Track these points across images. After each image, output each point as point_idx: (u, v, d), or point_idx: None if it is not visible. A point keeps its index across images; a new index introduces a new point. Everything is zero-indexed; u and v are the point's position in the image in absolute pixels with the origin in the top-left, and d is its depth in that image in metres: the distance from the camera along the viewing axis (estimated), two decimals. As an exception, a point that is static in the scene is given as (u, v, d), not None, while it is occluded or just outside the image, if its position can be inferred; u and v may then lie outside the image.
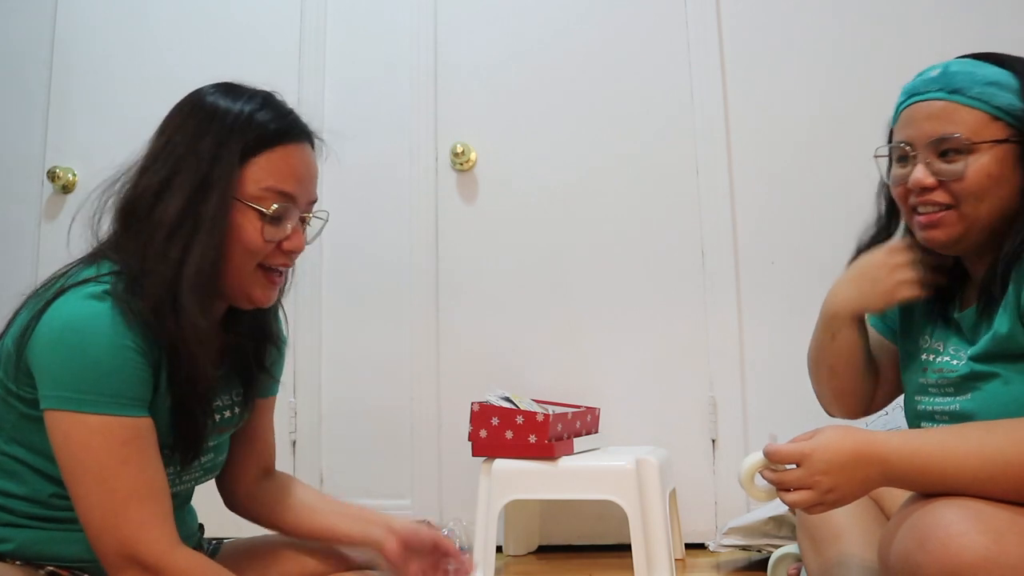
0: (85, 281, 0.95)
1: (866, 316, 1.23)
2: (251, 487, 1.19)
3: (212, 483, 1.22)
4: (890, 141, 1.09)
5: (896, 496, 1.13)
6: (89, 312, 0.91)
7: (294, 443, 2.37)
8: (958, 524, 0.81)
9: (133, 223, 0.99)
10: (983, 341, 1.00)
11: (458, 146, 2.38)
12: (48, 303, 0.93)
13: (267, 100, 1.05)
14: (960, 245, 1.04)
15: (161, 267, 0.94)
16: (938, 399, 1.07)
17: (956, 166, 0.99)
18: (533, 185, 2.39)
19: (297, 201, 1.02)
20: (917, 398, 1.12)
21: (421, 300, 2.39)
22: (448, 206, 2.42)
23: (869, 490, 0.92)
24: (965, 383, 1.02)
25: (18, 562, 0.96)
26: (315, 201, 1.07)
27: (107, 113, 2.57)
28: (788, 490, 0.93)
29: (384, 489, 2.34)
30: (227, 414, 1.11)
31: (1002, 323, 0.97)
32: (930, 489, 0.89)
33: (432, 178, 2.43)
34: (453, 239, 2.40)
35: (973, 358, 1.01)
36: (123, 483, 0.90)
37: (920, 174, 1.01)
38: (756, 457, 0.97)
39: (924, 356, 1.12)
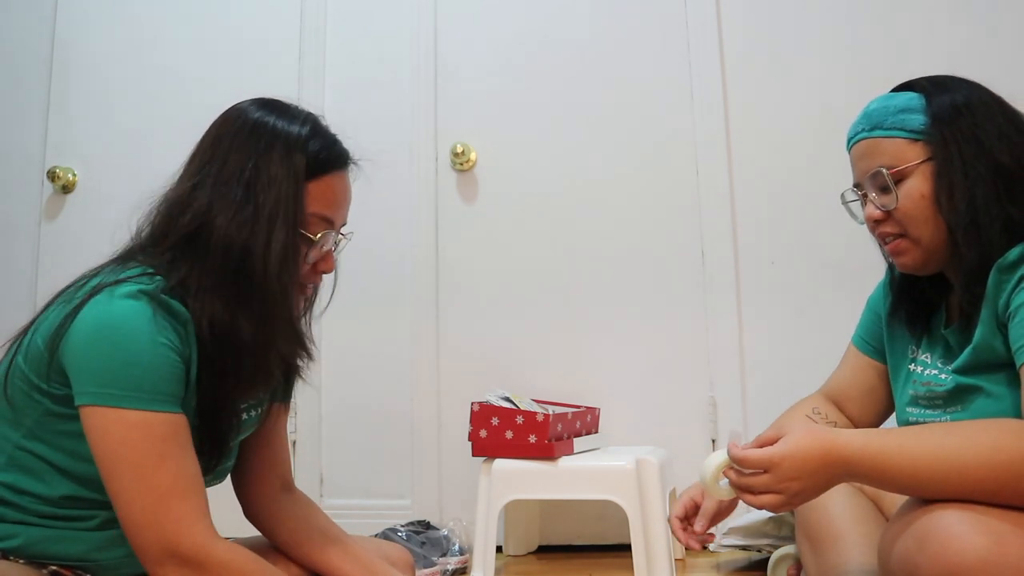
0: (119, 281, 0.96)
1: (853, 340, 1.28)
2: (271, 500, 1.19)
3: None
4: None
5: (896, 497, 1.13)
6: (126, 310, 0.93)
7: (294, 443, 2.37)
8: (958, 526, 0.81)
9: (201, 238, 1.00)
10: (964, 353, 1.03)
11: (458, 146, 2.37)
12: (83, 301, 0.95)
13: (316, 126, 1.08)
14: (930, 266, 1.08)
15: (270, 290, 0.99)
16: (928, 411, 1.09)
17: (890, 196, 1.05)
18: (533, 185, 2.38)
19: (335, 226, 1.08)
20: (908, 409, 1.13)
21: (421, 300, 2.39)
22: (448, 206, 2.42)
23: (833, 486, 0.92)
24: (952, 397, 1.04)
25: (21, 560, 0.96)
26: (345, 223, 1.12)
27: (107, 113, 2.57)
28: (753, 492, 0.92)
29: (384, 489, 2.34)
30: (244, 416, 1.13)
31: (980, 332, 0.99)
32: (894, 488, 0.90)
33: (432, 178, 2.43)
34: (453, 239, 2.40)
35: (956, 371, 1.03)
36: (163, 478, 0.91)
37: (869, 210, 1.09)
38: (720, 457, 0.96)
39: (911, 367, 1.14)
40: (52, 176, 2.53)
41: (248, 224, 0.99)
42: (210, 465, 1.04)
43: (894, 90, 1.13)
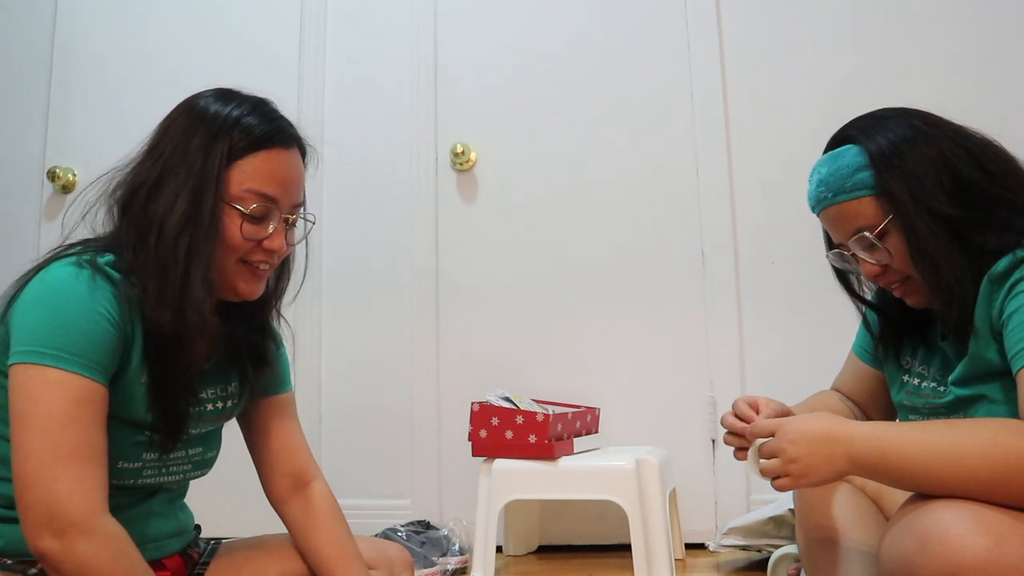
0: (68, 254, 1.00)
1: (853, 348, 1.28)
2: (278, 501, 1.19)
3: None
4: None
5: (896, 497, 1.13)
6: (68, 276, 0.95)
7: (294, 443, 2.37)
8: (958, 525, 0.81)
9: (129, 216, 1.03)
10: (960, 365, 1.03)
11: (458, 146, 2.37)
12: (32, 275, 0.98)
13: (256, 105, 1.08)
14: (940, 298, 1.07)
15: (170, 262, 0.99)
16: (931, 418, 1.09)
17: (881, 252, 1.05)
18: (533, 185, 2.39)
19: (279, 203, 1.05)
20: (911, 418, 1.14)
21: (421, 300, 2.39)
22: (448, 206, 2.42)
23: (837, 472, 0.94)
24: (954, 408, 1.04)
25: (8, 560, 0.96)
26: (299, 204, 1.10)
27: (107, 113, 2.57)
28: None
29: (384, 489, 2.34)
30: (210, 407, 1.11)
31: (974, 343, 1.00)
32: (893, 477, 0.91)
33: (432, 178, 2.43)
34: (453, 239, 2.40)
35: (954, 383, 1.03)
36: (68, 439, 0.90)
37: (866, 268, 1.09)
38: (761, 440, 1.04)
39: (906, 378, 1.15)
40: (52, 176, 2.53)
41: (160, 196, 1.01)
42: (166, 445, 1.03)
43: (829, 145, 1.13)
